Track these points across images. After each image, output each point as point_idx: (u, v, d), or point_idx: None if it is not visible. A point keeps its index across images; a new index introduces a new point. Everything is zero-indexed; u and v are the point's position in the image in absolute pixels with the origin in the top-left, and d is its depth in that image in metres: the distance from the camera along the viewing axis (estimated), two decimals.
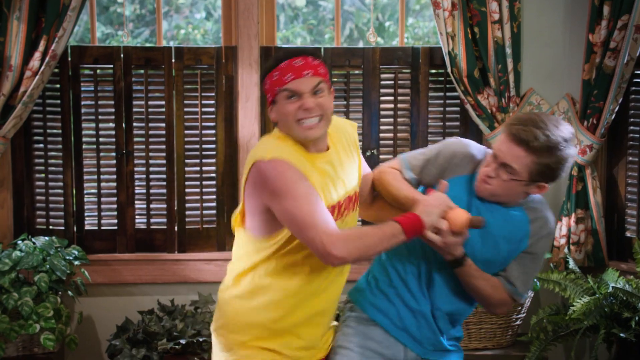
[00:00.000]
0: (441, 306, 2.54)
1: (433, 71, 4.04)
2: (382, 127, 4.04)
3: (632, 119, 3.89)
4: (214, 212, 4.04)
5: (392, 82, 4.03)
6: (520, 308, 3.80)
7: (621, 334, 3.47)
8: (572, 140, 2.41)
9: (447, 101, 4.04)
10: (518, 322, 3.86)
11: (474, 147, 2.56)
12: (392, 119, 4.04)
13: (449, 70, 3.84)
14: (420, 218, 2.31)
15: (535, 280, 3.67)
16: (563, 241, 3.87)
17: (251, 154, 2.35)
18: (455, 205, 2.36)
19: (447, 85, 4.01)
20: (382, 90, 4.03)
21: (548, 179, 2.43)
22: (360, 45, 7.47)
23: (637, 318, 3.46)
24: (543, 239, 2.52)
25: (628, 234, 3.92)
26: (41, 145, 3.96)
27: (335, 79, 4.01)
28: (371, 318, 2.55)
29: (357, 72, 4.01)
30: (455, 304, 2.56)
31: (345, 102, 4.01)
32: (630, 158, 3.89)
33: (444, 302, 2.54)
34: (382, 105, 4.03)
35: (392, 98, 4.04)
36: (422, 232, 2.32)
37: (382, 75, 4.02)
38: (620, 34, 3.66)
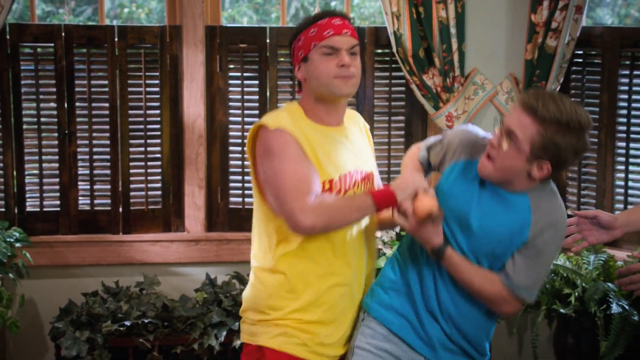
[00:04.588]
0: (449, 306, 2.38)
1: (379, 51, 4.05)
2: None
3: (573, 99, 3.93)
4: (159, 192, 4.00)
5: None
6: None
7: (561, 310, 3.55)
8: (588, 127, 2.23)
9: (393, 81, 4.05)
10: None
11: (478, 134, 2.43)
12: None
13: (394, 50, 3.85)
14: (393, 193, 2.32)
15: None
16: None
17: (258, 121, 2.36)
18: (429, 191, 2.31)
19: (393, 65, 4.02)
20: None
21: (552, 159, 2.22)
22: None
23: (576, 294, 3.54)
24: (547, 231, 2.30)
25: (569, 212, 3.97)
26: None
27: (282, 59, 3.99)
28: (377, 319, 2.42)
29: None
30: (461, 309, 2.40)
31: (291, 82, 3.99)
32: None
33: (450, 304, 2.39)
34: None
35: None
36: (393, 206, 2.33)
37: None
38: (562, 14, 3.70)
